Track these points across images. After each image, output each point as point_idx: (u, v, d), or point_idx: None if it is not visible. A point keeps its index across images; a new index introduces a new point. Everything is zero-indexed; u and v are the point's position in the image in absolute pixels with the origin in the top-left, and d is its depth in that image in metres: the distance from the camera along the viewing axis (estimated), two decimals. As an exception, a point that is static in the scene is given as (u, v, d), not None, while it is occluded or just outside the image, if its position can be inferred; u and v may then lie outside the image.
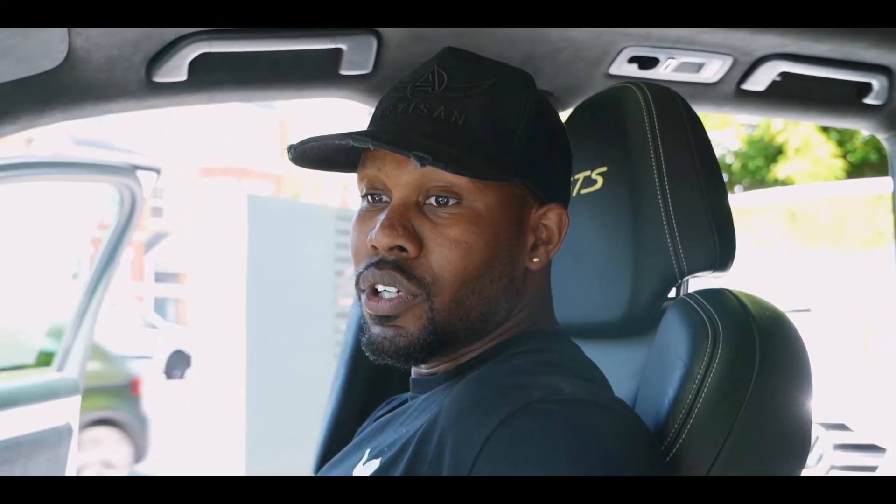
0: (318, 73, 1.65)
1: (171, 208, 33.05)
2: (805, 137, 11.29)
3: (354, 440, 1.30)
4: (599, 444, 0.98)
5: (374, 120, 1.19)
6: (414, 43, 1.59)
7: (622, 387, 1.26)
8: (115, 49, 1.46)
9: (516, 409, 0.99)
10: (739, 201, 6.93)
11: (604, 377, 1.19)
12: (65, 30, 1.37)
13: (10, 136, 1.53)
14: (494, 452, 0.98)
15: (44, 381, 3.07)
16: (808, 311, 5.32)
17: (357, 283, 1.16)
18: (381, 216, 1.13)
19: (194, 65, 1.54)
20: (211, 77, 1.59)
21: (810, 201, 6.87)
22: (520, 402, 1.00)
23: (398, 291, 1.12)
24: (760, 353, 1.16)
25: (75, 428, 3.05)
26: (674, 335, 1.21)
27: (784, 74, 1.86)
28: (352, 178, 1.23)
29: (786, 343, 1.20)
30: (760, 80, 1.86)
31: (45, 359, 3.15)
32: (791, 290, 5.86)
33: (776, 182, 11.84)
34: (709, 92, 1.89)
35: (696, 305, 1.22)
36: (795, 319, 1.25)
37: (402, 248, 1.11)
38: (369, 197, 1.18)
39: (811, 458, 4.93)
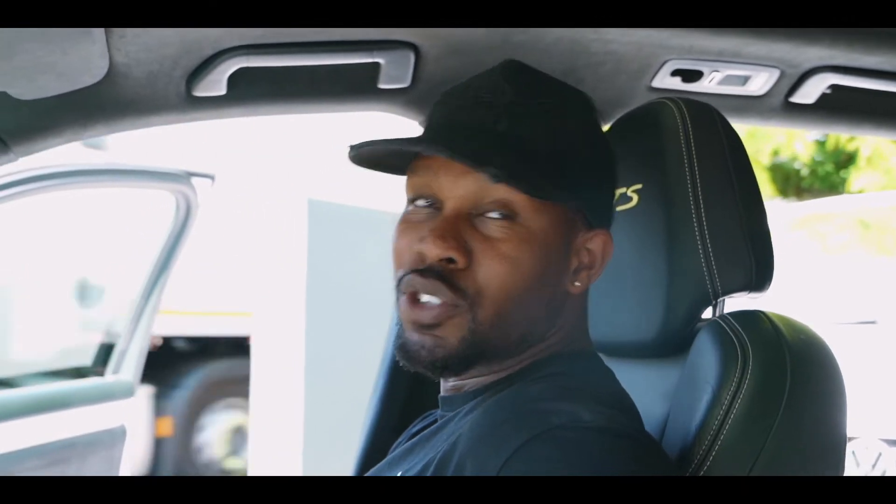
0: (356, 86, 1.65)
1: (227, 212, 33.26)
2: (875, 147, 11.03)
3: (388, 457, 1.30)
4: (614, 474, 0.97)
5: (433, 127, 1.17)
6: (451, 56, 1.59)
7: (655, 408, 1.24)
8: (154, 64, 1.47)
9: (533, 436, 0.99)
10: (809, 208, 6.81)
11: (631, 403, 1.17)
12: (104, 46, 1.38)
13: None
14: None
15: (99, 384, 3.13)
16: (873, 322, 5.21)
17: (398, 286, 1.15)
18: (430, 223, 1.11)
19: (233, 79, 1.55)
20: (250, 91, 1.60)
21: (882, 209, 6.72)
22: (537, 429, 1.00)
23: (440, 300, 1.10)
24: (791, 378, 1.14)
25: (129, 430, 3.10)
26: (704, 358, 1.19)
27: (834, 87, 1.81)
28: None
29: (819, 368, 1.18)
30: (809, 93, 1.81)
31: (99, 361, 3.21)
32: (857, 301, 5.74)
33: (849, 190, 11.59)
34: (756, 105, 1.85)
35: (727, 328, 1.20)
36: (860, 331, 1.22)
37: (450, 260, 1.10)
38: (416, 202, 1.16)
39: (875, 475, 4.83)
